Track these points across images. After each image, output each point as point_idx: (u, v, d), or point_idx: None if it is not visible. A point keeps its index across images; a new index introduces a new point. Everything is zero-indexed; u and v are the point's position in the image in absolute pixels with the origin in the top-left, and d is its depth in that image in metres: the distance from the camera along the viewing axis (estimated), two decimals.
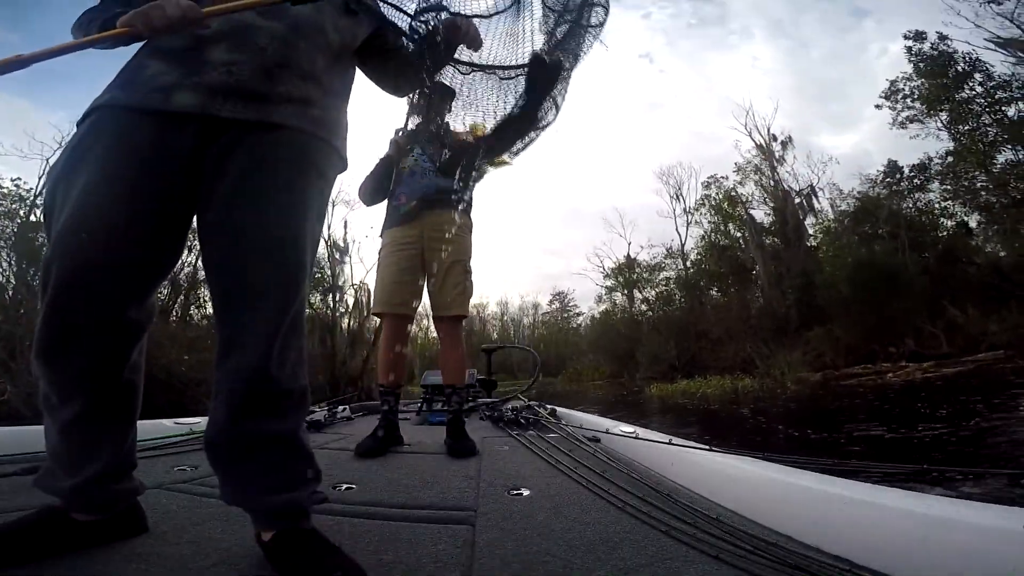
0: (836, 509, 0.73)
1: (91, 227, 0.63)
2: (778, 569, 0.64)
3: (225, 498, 0.71)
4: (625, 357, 20.53)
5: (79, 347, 0.64)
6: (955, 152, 14.71)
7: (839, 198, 18.22)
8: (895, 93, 16.08)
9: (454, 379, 1.72)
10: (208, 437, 0.70)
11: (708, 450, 1.09)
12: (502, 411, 2.15)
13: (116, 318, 0.66)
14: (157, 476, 1.08)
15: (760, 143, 19.81)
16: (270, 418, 0.69)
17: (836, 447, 4.42)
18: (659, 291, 22.59)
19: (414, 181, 1.72)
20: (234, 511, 0.71)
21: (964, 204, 14.71)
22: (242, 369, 0.67)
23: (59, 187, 0.66)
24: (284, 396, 0.70)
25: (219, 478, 0.71)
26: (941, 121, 15.01)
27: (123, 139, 0.66)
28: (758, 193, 20.00)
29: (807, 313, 15.35)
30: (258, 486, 0.68)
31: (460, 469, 1.27)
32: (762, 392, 10.39)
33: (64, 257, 0.62)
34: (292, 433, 0.72)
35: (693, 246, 21.91)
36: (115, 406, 0.69)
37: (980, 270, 13.32)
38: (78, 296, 0.62)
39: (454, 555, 0.70)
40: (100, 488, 0.68)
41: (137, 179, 0.65)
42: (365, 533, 0.79)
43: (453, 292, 1.68)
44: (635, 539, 0.76)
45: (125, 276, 0.65)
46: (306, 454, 0.74)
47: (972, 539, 0.59)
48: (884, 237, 15.65)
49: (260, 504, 0.69)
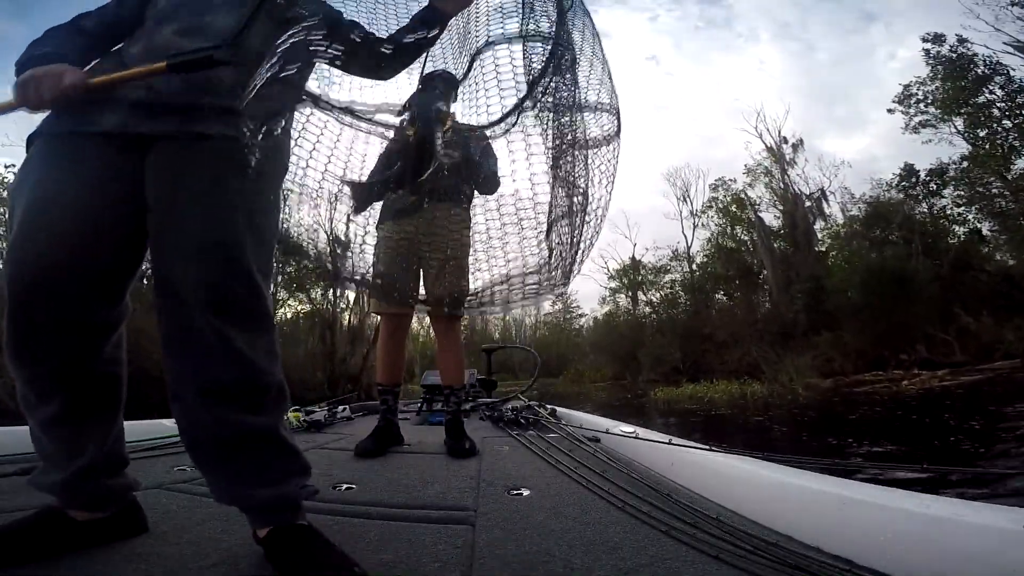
0: (836, 509, 0.74)
1: (45, 234, 0.67)
2: (778, 569, 0.65)
3: (215, 495, 0.73)
4: (628, 359, 20.50)
5: (45, 347, 0.67)
6: (971, 157, 14.61)
7: (850, 202, 18.23)
8: (908, 97, 16.08)
9: (452, 380, 1.71)
10: (191, 437, 0.72)
11: (708, 450, 1.10)
12: (502, 411, 2.16)
13: (80, 319, 0.69)
14: (157, 476, 1.09)
15: (771, 145, 19.81)
16: (248, 414, 0.70)
17: (871, 458, 4.15)
18: (664, 293, 22.58)
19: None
20: (234, 511, 0.72)
21: (980, 210, 14.63)
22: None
23: (16, 199, 0.71)
24: (263, 391, 0.71)
25: (206, 478, 0.73)
26: (955, 126, 14.96)
27: (72, 163, 0.71)
28: (767, 196, 20.00)
29: (815, 318, 15.29)
30: (245, 482, 0.70)
31: (460, 469, 1.28)
32: (772, 398, 10.26)
33: (20, 262, 0.66)
34: (272, 428, 0.73)
35: (699, 249, 21.92)
36: (93, 400, 0.71)
37: (991, 278, 13.26)
38: (39, 299, 0.66)
39: (454, 555, 0.71)
40: (90, 482, 0.70)
41: (80, 191, 0.70)
42: (365, 533, 0.80)
43: (450, 290, 1.66)
44: (635, 539, 0.77)
45: (83, 279, 0.69)
46: (290, 449, 0.75)
47: (972, 539, 0.60)
48: (896, 242, 15.60)
49: (249, 500, 0.70)
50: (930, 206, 16.27)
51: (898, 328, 12.93)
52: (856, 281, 14.53)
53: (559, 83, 0.90)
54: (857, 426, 5.97)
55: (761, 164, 20.15)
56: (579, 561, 0.70)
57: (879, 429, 5.61)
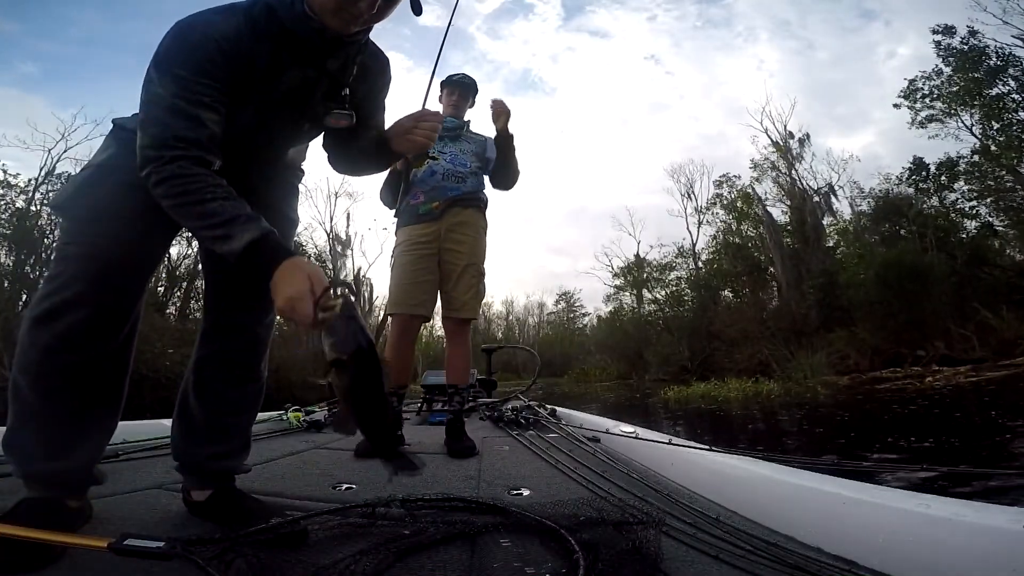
0: (836, 509, 0.75)
1: (122, 222, 0.72)
2: (778, 569, 0.66)
3: (176, 454, 0.89)
4: (634, 358, 20.49)
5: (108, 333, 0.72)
6: (980, 150, 14.49)
7: (859, 196, 18.12)
8: (914, 92, 16.02)
9: (458, 378, 1.73)
10: (189, 415, 0.86)
11: (708, 450, 1.11)
12: (502, 411, 2.18)
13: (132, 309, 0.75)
14: (157, 476, 1.10)
15: (776, 140, 19.67)
16: (249, 408, 0.90)
17: (947, 456, 3.77)
18: (670, 291, 22.52)
19: (435, 181, 1.72)
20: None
21: (996, 202, 14.46)
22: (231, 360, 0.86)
23: (90, 188, 0.76)
24: (262, 388, 0.91)
25: (179, 439, 0.89)
26: (961, 121, 14.89)
27: (126, 196, 0.74)
28: (774, 191, 19.88)
29: (828, 314, 15.19)
30: (209, 454, 0.86)
31: (460, 469, 1.30)
32: (791, 397, 10.10)
33: (102, 249, 0.70)
34: (250, 420, 0.92)
35: (704, 246, 21.85)
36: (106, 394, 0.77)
37: (1003, 272, 13.10)
38: (115, 281, 0.71)
39: (454, 555, 0.72)
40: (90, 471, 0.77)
41: (135, 225, 0.75)
42: (365, 533, 0.82)
43: (467, 294, 1.70)
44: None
45: (142, 272, 0.77)
46: (248, 432, 0.93)
47: (972, 539, 0.61)
48: (908, 237, 15.49)
49: (205, 468, 0.86)
50: (941, 199, 16.15)
51: (915, 324, 12.80)
52: (871, 276, 14.40)
53: None
54: (897, 425, 5.63)
55: (768, 159, 20.05)
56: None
57: (923, 427, 5.26)
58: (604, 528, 0.74)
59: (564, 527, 0.73)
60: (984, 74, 14.25)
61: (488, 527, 0.77)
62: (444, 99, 1.82)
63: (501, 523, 0.78)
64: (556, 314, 38.21)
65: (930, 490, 0.99)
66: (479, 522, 0.79)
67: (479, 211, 1.77)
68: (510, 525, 0.78)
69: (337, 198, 15.30)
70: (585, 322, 34.57)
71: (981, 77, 14.29)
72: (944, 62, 15.15)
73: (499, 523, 0.78)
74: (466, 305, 1.70)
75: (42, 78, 32.53)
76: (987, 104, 14.27)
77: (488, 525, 0.78)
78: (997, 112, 14.18)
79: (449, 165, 1.74)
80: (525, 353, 16.88)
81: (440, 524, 0.78)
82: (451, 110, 1.81)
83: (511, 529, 0.77)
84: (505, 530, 0.77)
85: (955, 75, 14.95)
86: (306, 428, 2.10)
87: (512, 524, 0.78)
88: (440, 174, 1.72)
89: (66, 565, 0.63)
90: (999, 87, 14.13)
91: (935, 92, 15.52)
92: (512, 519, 0.79)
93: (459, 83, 1.82)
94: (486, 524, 0.78)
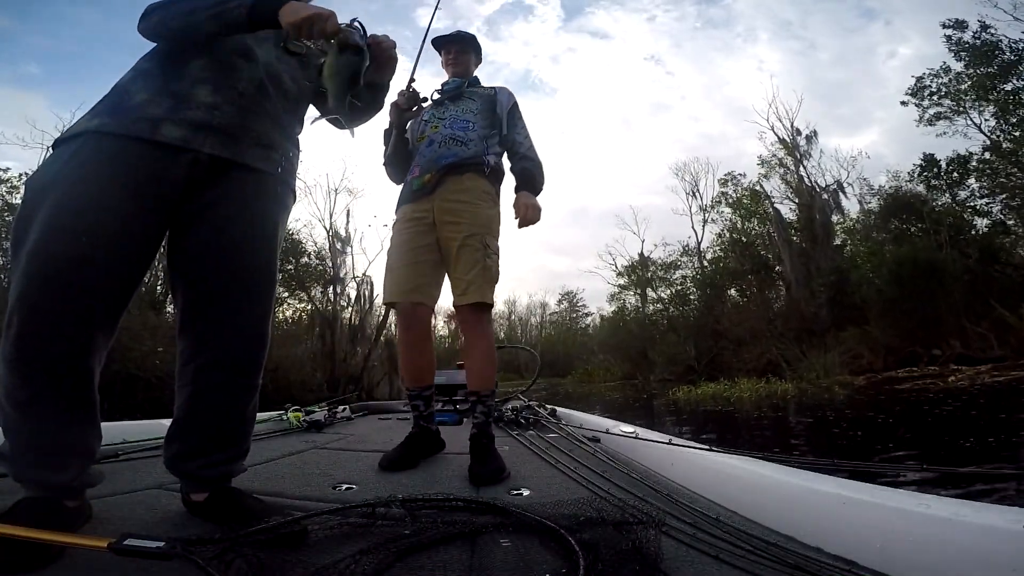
0: (836, 509, 0.76)
1: (78, 230, 0.71)
2: (778, 569, 0.67)
3: (169, 464, 0.88)
4: (638, 358, 20.45)
5: (63, 342, 0.72)
6: (992, 147, 14.36)
7: (869, 194, 18.05)
8: (922, 90, 15.95)
9: (480, 383, 1.41)
10: (187, 423, 0.87)
11: (708, 450, 1.12)
12: (502, 411, 2.19)
13: (100, 317, 0.75)
14: (157, 476, 1.11)
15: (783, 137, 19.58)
16: (246, 413, 0.91)
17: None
18: (675, 290, 22.47)
19: (431, 151, 1.50)
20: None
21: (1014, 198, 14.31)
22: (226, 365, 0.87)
23: (41, 202, 0.73)
24: (255, 392, 0.92)
25: (177, 449, 0.88)
26: (970, 118, 14.79)
27: (115, 164, 0.76)
28: (781, 188, 19.80)
29: (839, 313, 15.11)
30: (202, 464, 0.87)
31: (460, 469, 1.32)
32: (806, 398, 9.93)
33: (51, 256, 0.70)
34: (250, 424, 0.93)
35: (710, 244, 21.79)
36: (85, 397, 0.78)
37: (1017, 271, 12.99)
38: (67, 292, 0.70)
39: (454, 555, 0.73)
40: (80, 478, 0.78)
41: (128, 202, 0.76)
42: (365, 533, 0.84)
43: (470, 273, 1.39)
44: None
45: (109, 276, 0.74)
46: (246, 441, 0.94)
47: (972, 539, 0.61)
48: (920, 234, 15.40)
49: (203, 474, 0.86)
50: (953, 196, 16.06)
51: (930, 322, 12.70)
52: (884, 274, 14.31)
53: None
54: (935, 426, 5.46)
55: (775, 156, 19.97)
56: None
57: (959, 427, 5.10)
58: (604, 528, 0.75)
59: (564, 527, 0.74)
60: (998, 69, 14.12)
61: (488, 527, 0.78)
62: (443, 63, 1.65)
63: (501, 523, 0.79)
64: (559, 314, 38.27)
65: (938, 491, 1.00)
66: (479, 522, 0.80)
67: (481, 175, 1.47)
68: (510, 525, 0.79)
69: (337, 194, 15.27)
70: (588, 322, 34.60)
71: (995, 72, 14.16)
72: (956, 57, 15.06)
73: (499, 523, 0.79)
74: (471, 286, 1.38)
75: (43, 77, 32.78)
76: (1001, 99, 14.13)
77: (488, 525, 0.79)
78: (1012, 107, 14.05)
79: (448, 130, 1.51)
80: (527, 353, 16.86)
81: (440, 524, 0.79)
82: (452, 70, 1.62)
83: (511, 529, 0.78)
84: (505, 530, 0.78)
85: (967, 70, 14.85)
86: (306, 428, 2.13)
87: (512, 524, 0.79)
88: (438, 142, 1.50)
89: (66, 565, 0.64)
90: (1013, 82, 14.00)
91: (943, 89, 15.45)
92: (512, 519, 0.80)
93: (452, 39, 1.63)
94: (486, 524, 0.79)
